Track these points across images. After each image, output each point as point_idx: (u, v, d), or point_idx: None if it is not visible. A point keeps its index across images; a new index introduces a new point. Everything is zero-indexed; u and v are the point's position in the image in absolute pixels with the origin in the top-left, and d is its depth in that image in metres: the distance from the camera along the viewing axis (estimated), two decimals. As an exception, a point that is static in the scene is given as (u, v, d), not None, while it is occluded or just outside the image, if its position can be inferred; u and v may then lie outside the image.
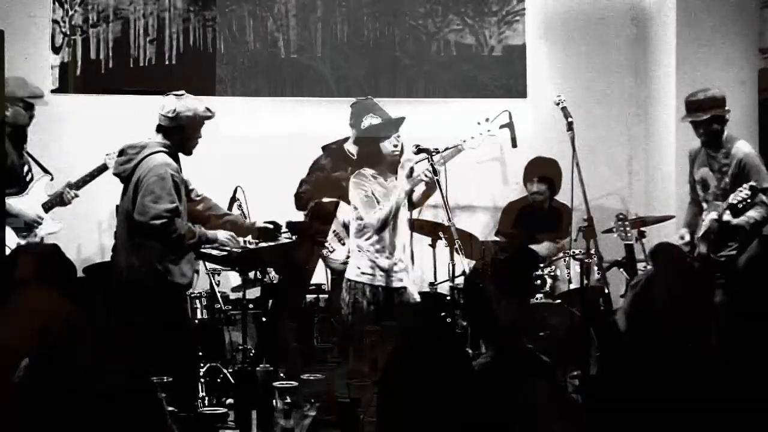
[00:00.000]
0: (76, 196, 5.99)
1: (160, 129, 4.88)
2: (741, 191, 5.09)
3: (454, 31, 7.18)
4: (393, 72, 7.16)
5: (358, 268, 5.17)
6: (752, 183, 5.12)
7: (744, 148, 5.39)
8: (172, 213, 4.69)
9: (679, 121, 5.81)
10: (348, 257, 5.83)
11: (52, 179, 6.00)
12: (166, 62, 6.99)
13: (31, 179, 5.91)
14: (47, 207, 5.91)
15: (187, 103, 4.87)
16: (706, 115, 5.39)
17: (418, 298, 5.31)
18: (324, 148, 6.18)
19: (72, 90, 6.97)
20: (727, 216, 5.12)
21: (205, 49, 7.03)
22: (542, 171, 6.55)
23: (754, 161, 5.35)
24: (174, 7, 7.01)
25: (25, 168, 5.88)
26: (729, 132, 5.47)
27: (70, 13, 6.94)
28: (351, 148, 6.08)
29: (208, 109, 4.91)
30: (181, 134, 4.87)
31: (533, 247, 6.25)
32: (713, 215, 5.19)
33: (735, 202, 5.09)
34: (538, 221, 6.53)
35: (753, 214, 5.21)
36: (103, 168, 5.99)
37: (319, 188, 6.00)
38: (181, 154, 4.96)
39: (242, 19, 7.09)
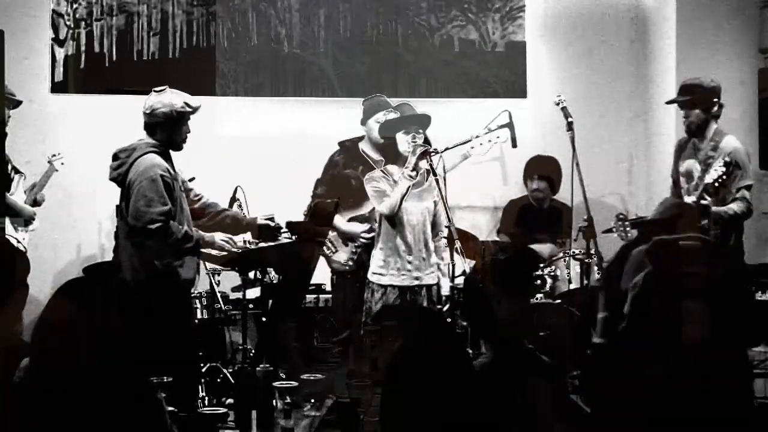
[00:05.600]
0: (44, 197, 6.22)
1: (145, 127, 4.85)
2: (716, 169, 5.06)
3: (457, 26, 7.19)
4: (395, 69, 7.16)
5: (376, 267, 5.37)
6: (726, 159, 5.09)
7: (733, 142, 5.39)
8: (166, 216, 4.66)
9: (679, 120, 5.80)
10: (351, 259, 5.85)
11: (25, 179, 6.08)
12: (170, 56, 7.00)
13: (12, 179, 5.95)
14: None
15: (162, 98, 4.79)
16: (683, 98, 5.39)
17: (446, 292, 5.41)
18: (340, 144, 6.17)
19: (75, 83, 6.96)
20: (704, 200, 5.09)
21: (208, 43, 7.04)
22: (542, 169, 6.56)
23: (741, 156, 5.35)
24: (177, 1, 7.02)
25: (9, 167, 5.91)
26: (720, 126, 5.47)
27: (74, 6, 6.95)
28: (365, 147, 6.07)
29: (186, 104, 4.80)
30: (163, 131, 4.79)
31: (536, 246, 6.26)
32: (691, 198, 5.16)
33: (711, 180, 5.06)
34: (539, 220, 6.53)
35: (733, 206, 5.21)
36: (51, 170, 6.27)
37: (334, 186, 5.98)
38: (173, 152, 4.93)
39: (245, 14, 7.10)
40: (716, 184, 5.04)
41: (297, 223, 5.78)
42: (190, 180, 5.20)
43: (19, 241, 5.81)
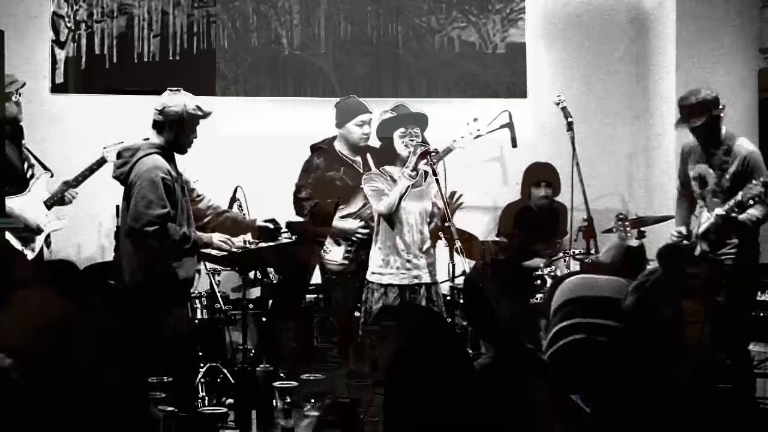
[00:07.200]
0: (76, 194, 5.99)
1: (153, 125, 4.85)
2: (752, 187, 4.99)
3: (458, 28, 7.20)
4: (396, 70, 7.17)
5: (375, 266, 5.37)
6: (764, 179, 5.04)
7: (747, 145, 5.35)
8: (164, 219, 4.66)
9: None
10: (346, 258, 5.84)
11: (52, 176, 5.99)
12: (170, 57, 7.01)
13: (32, 176, 5.90)
14: (48, 205, 5.90)
15: (175, 98, 4.80)
16: (700, 121, 5.29)
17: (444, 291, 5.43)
18: (313, 148, 6.15)
19: (75, 85, 6.97)
20: (734, 213, 5.07)
21: (208, 45, 7.05)
22: (546, 175, 6.54)
23: (758, 159, 5.31)
24: (178, 3, 7.03)
25: (26, 165, 5.86)
26: (728, 129, 5.43)
27: (75, 8, 6.96)
28: (341, 148, 6.06)
29: (198, 108, 4.82)
30: (171, 131, 4.80)
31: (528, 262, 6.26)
32: (719, 211, 5.12)
33: (747, 197, 4.95)
34: (538, 221, 6.53)
35: (754, 212, 5.18)
36: (101, 161, 5.97)
37: (319, 189, 5.98)
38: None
39: (246, 15, 7.11)
40: (751, 202, 5.00)
41: (297, 223, 5.79)
42: (194, 182, 5.21)
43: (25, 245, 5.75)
